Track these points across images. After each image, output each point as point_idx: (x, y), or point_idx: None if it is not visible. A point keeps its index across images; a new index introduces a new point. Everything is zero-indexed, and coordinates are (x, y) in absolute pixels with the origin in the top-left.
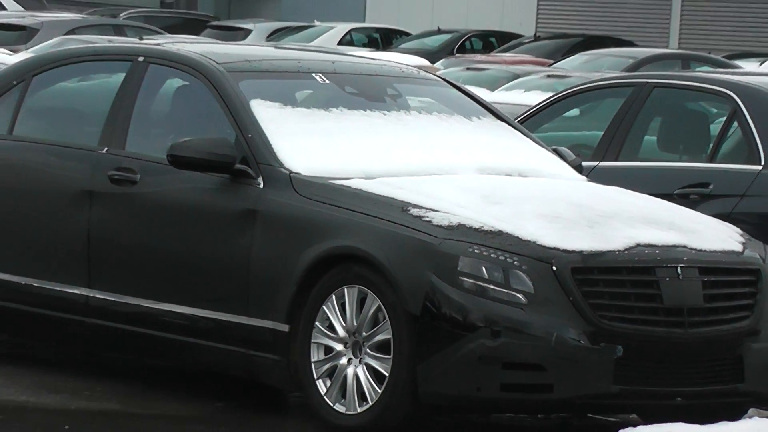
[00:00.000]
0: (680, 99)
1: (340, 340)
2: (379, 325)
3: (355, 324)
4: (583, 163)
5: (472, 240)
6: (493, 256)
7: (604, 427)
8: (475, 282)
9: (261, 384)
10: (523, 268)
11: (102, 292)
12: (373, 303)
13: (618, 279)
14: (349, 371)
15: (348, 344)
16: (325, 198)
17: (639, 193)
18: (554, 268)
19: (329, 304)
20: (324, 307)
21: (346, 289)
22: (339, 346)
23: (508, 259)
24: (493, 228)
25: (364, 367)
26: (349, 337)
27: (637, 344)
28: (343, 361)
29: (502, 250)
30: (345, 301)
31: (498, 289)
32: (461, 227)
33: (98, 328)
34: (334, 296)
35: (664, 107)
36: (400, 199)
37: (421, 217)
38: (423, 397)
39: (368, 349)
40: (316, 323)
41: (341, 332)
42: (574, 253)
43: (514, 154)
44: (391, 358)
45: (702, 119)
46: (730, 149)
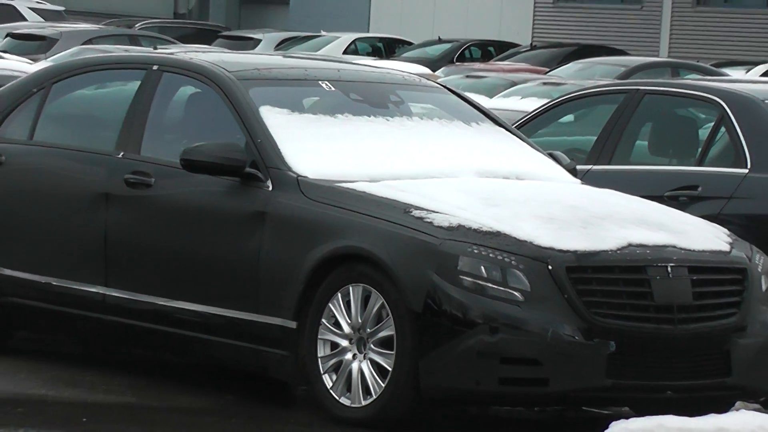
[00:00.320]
0: (670, 105)
1: (345, 336)
2: (383, 322)
3: (360, 321)
4: (578, 167)
5: (472, 240)
6: (491, 256)
7: (598, 419)
8: (474, 280)
9: (270, 378)
10: (520, 267)
11: (118, 291)
12: (377, 300)
13: (611, 277)
14: (354, 366)
15: (353, 340)
16: (330, 200)
17: (631, 196)
18: (550, 267)
19: (335, 301)
20: (330, 305)
21: (351, 288)
22: (344, 342)
23: (505, 259)
24: (491, 229)
25: (369, 362)
26: (354, 333)
27: (629, 340)
28: (349, 356)
29: (500, 250)
30: (350, 299)
31: (496, 287)
32: (461, 228)
33: (115, 324)
34: (339, 294)
35: (654, 113)
36: (403, 201)
37: (422, 219)
38: (425, 390)
39: (372, 345)
40: (323, 320)
41: (346, 329)
42: (569, 252)
43: (511, 158)
44: (394, 353)
45: (691, 124)
46: (718, 153)
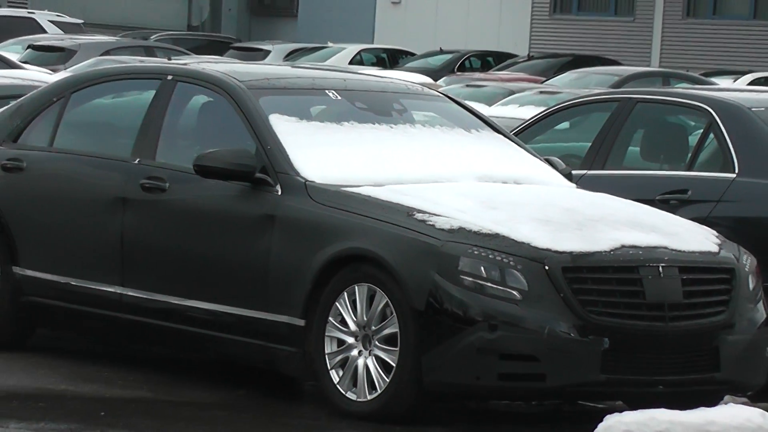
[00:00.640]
0: (661, 113)
1: (351, 334)
2: (387, 320)
3: (365, 319)
4: (573, 172)
5: (472, 242)
6: (490, 257)
7: (593, 413)
8: (474, 280)
9: (279, 373)
10: (518, 268)
11: (134, 290)
12: (382, 299)
13: (605, 277)
14: (360, 362)
15: (358, 337)
16: (337, 204)
17: (624, 199)
18: (546, 268)
19: (341, 300)
20: (336, 304)
21: (356, 287)
22: (350, 339)
23: (504, 260)
24: (490, 231)
25: (374, 358)
26: (359, 330)
27: (622, 337)
28: (354, 352)
29: (498, 251)
30: (356, 298)
31: (495, 286)
32: (461, 230)
33: (131, 323)
34: (345, 293)
35: (646, 120)
36: (406, 205)
37: (425, 221)
38: (427, 385)
39: (377, 342)
40: (330, 318)
41: (352, 326)
42: (565, 253)
43: (509, 163)
44: (397, 350)
45: (681, 131)
46: (707, 158)
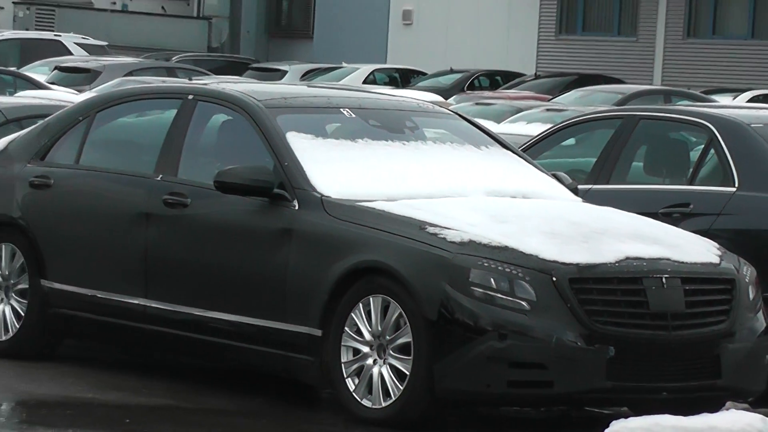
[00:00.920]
0: (663, 129)
1: (366, 343)
2: (401, 330)
3: (380, 329)
4: (579, 186)
5: (482, 254)
6: (500, 269)
7: (599, 418)
8: (484, 291)
9: (297, 382)
10: (527, 279)
11: (158, 302)
12: (395, 310)
13: (610, 288)
14: (375, 370)
15: (373, 346)
16: (352, 218)
17: (628, 212)
18: (554, 279)
19: (357, 311)
20: (352, 314)
21: (371, 298)
22: (365, 348)
23: (513, 271)
24: (500, 244)
25: (388, 366)
26: (374, 340)
27: (627, 345)
28: (369, 361)
29: (507, 263)
30: (371, 309)
31: (504, 297)
32: (472, 243)
33: (155, 333)
34: (360, 304)
35: (649, 137)
36: (418, 219)
37: (436, 235)
38: (439, 392)
39: (391, 351)
40: (346, 328)
41: (367, 336)
42: (571, 265)
43: (518, 178)
44: (411, 358)
45: (683, 147)
46: (708, 173)
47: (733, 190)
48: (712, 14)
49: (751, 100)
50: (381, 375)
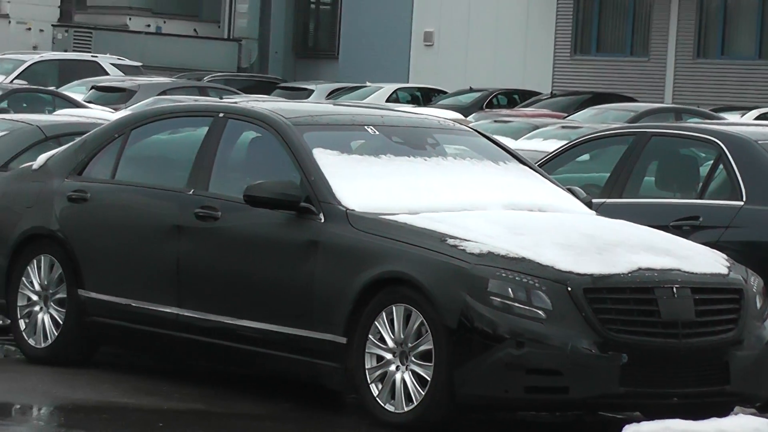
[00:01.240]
0: (674, 146)
1: (389, 350)
2: (422, 337)
3: (402, 336)
4: (593, 200)
5: (500, 265)
6: (517, 279)
7: (612, 422)
8: (502, 300)
9: (323, 387)
10: (543, 289)
11: (190, 311)
12: (417, 318)
13: (623, 297)
14: (397, 376)
15: (396, 353)
16: (376, 230)
17: (640, 225)
18: (569, 289)
19: (380, 319)
20: (376, 322)
21: (394, 307)
22: (388, 355)
23: (530, 281)
24: (517, 255)
25: (410, 372)
26: (397, 347)
27: (639, 352)
28: (392, 367)
29: (524, 273)
30: (393, 317)
31: (522, 306)
32: (490, 254)
33: (186, 340)
34: (384, 313)
35: (660, 152)
36: (439, 231)
37: (456, 246)
38: (459, 398)
39: (413, 358)
40: (369, 336)
41: (390, 343)
42: (586, 275)
43: (534, 192)
44: (432, 365)
45: (692, 162)
46: (717, 187)
47: (741, 204)
48: (721, 35)
49: (758, 118)
50: (403, 381)
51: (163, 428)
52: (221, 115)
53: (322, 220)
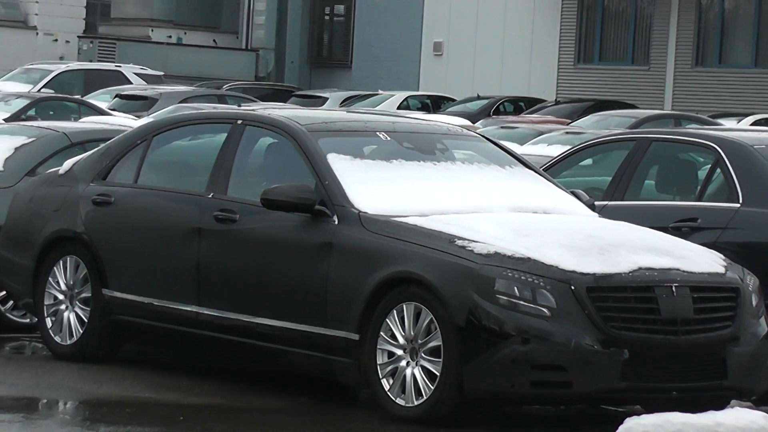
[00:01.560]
0: (673, 150)
1: (400, 347)
2: (432, 334)
3: (412, 333)
4: (595, 203)
5: (506, 265)
6: (523, 278)
7: (614, 416)
8: (508, 299)
9: (337, 382)
10: (548, 288)
11: (209, 309)
12: (427, 316)
13: (624, 296)
14: (408, 371)
15: (407, 350)
16: (387, 232)
17: (640, 227)
18: (572, 288)
19: (391, 317)
20: (387, 320)
21: (404, 306)
22: (399, 351)
23: (535, 281)
24: (523, 255)
25: (420, 368)
26: (407, 344)
27: (640, 349)
28: (403, 363)
29: (530, 273)
30: (404, 315)
31: (527, 304)
32: (497, 255)
33: (206, 338)
34: (395, 311)
35: (660, 157)
36: (448, 233)
37: (464, 247)
38: (467, 392)
39: (423, 354)
40: (381, 333)
41: (401, 340)
42: (589, 275)
43: (539, 195)
44: (441, 361)
45: (691, 167)
46: (714, 190)
47: (738, 206)
48: (719, 45)
49: (754, 124)
50: (413, 376)
51: (184, 422)
52: (239, 122)
53: (336, 222)
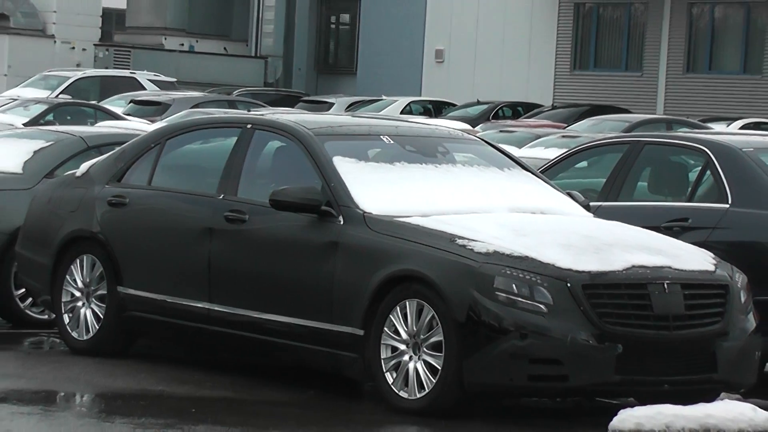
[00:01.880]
0: (665, 153)
1: (403, 342)
2: (433, 330)
3: (415, 329)
4: (591, 204)
5: (505, 263)
6: (521, 276)
7: (608, 408)
8: (507, 296)
9: (342, 376)
10: (545, 285)
11: (220, 306)
12: (429, 312)
13: (618, 293)
14: (411, 365)
15: (409, 344)
16: (391, 232)
17: (634, 226)
18: (569, 285)
19: (395, 313)
20: (391, 316)
21: (407, 302)
22: (402, 346)
23: (532, 278)
24: (521, 254)
25: (422, 362)
26: (410, 339)
27: (633, 343)
28: (406, 357)
29: (528, 271)
30: (407, 312)
31: (525, 301)
32: (496, 254)
33: (217, 333)
34: (398, 307)
35: (653, 159)
36: (449, 232)
37: (465, 246)
38: (467, 385)
39: (425, 349)
40: (385, 328)
41: (404, 335)
42: (584, 273)
43: (536, 196)
44: (442, 355)
45: (682, 169)
46: (705, 192)
47: (727, 206)
48: (709, 51)
49: (743, 128)
50: (416, 370)
51: (196, 414)
52: (249, 126)
53: (342, 223)
